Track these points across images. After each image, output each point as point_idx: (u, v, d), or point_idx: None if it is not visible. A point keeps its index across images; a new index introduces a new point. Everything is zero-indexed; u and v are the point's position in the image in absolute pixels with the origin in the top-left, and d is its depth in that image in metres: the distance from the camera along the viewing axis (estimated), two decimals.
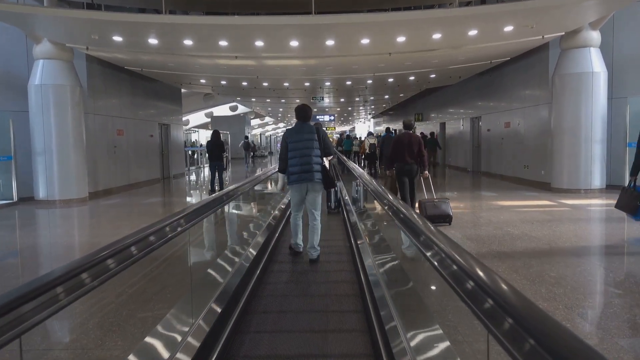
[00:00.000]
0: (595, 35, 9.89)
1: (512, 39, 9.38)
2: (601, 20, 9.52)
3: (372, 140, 14.15)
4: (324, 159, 4.71)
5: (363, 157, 17.00)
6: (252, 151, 26.43)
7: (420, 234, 2.08)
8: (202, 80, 14.78)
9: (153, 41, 9.04)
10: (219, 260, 3.83)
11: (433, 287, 3.45)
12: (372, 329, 2.86)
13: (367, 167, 14.54)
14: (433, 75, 14.08)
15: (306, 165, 4.45)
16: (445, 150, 20.14)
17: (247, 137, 27.50)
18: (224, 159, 11.64)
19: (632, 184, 5.19)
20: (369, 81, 14.90)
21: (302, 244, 4.81)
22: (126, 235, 1.97)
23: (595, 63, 9.91)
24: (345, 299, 3.57)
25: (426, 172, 6.88)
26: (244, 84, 15.12)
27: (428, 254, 1.84)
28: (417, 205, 6.76)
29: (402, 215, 2.61)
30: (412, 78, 14.49)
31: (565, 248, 5.36)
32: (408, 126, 7.12)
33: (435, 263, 1.72)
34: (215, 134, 11.15)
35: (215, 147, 11.02)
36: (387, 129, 12.86)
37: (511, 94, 13.16)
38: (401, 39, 8.94)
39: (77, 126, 10.58)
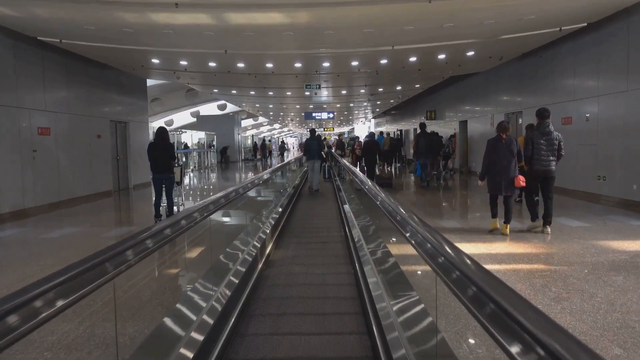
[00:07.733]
0: None
1: None
2: None
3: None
4: (322, 152, 12.74)
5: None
6: (269, 151, 36.01)
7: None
8: (155, 60, 10.94)
9: None
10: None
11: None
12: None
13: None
14: (471, 53, 10.45)
15: (314, 153, 12.13)
16: (468, 155, 16.69)
17: (264, 140, 38.85)
18: (179, 170, 8.08)
19: (415, 161, 13.29)
20: (383, 60, 11.26)
21: (314, 187, 12.36)
22: None
23: None
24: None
25: (381, 161, 15.23)
26: (212, 64, 11.39)
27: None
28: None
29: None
30: (442, 57, 10.84)
31: None
32: (371, 136, 13.98)
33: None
34: (161, 133, 7.31)
35: (159, 153, 7.24)
36: (357, 137, 21.49)
37: (573, 80, 9.81)
38: None
39: None
